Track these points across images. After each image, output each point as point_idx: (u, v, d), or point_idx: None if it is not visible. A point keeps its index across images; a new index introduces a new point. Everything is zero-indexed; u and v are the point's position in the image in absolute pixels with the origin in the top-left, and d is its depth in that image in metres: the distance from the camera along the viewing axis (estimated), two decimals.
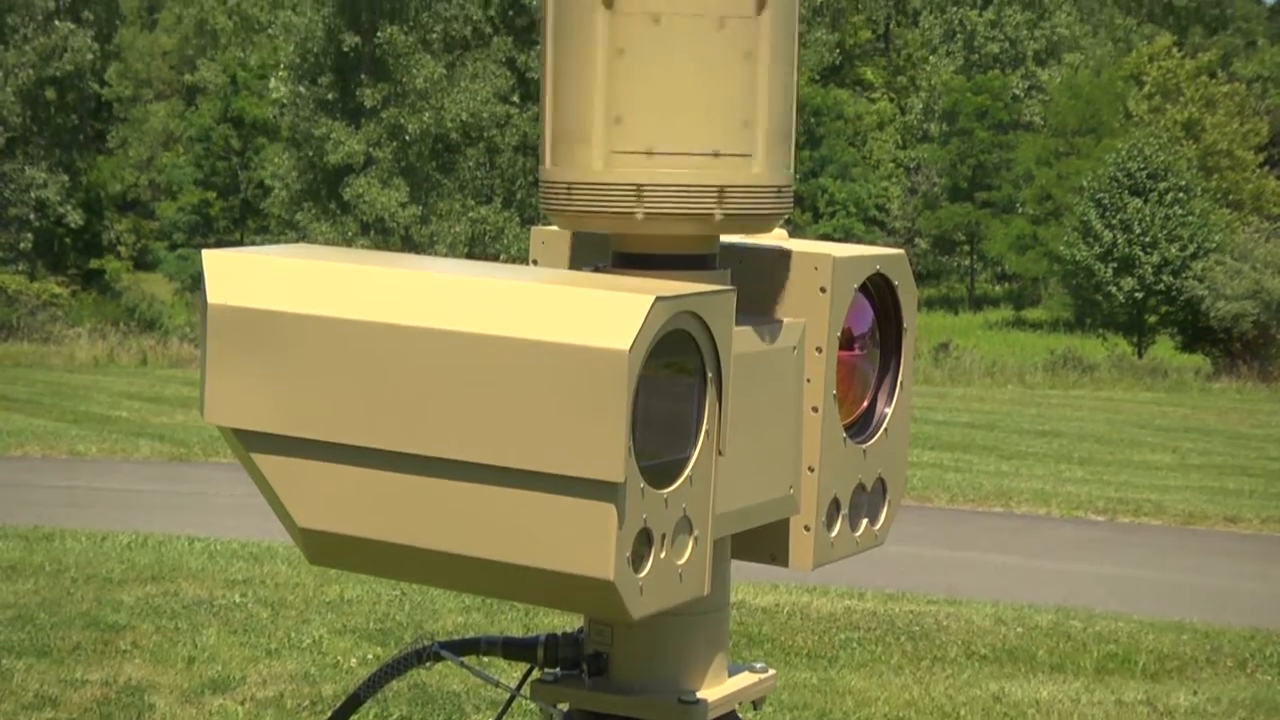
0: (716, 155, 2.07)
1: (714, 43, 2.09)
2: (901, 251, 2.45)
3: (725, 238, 2.26)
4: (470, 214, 42.97)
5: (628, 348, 1.78)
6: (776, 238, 2.38)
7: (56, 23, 45.44)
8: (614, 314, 1.82)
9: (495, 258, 41.80)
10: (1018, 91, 61.10)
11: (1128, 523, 15.40)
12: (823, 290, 2.25)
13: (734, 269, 2.24)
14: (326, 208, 42.76)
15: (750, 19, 2.10)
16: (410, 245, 41.38)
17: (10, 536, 11.89)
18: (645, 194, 2.07)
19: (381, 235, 41.68)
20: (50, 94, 47.45)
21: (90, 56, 47.03)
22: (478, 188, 44.80)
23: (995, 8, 64.25)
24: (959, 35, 64.93)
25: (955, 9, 65.05)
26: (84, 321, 36.94)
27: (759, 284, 2.27)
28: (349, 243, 40.39)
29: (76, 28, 46.03)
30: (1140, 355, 39.64)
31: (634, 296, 1.83)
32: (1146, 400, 30.35)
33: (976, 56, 63.85)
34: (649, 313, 1.80)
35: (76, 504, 14.40)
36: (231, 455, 2.19)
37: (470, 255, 41.74)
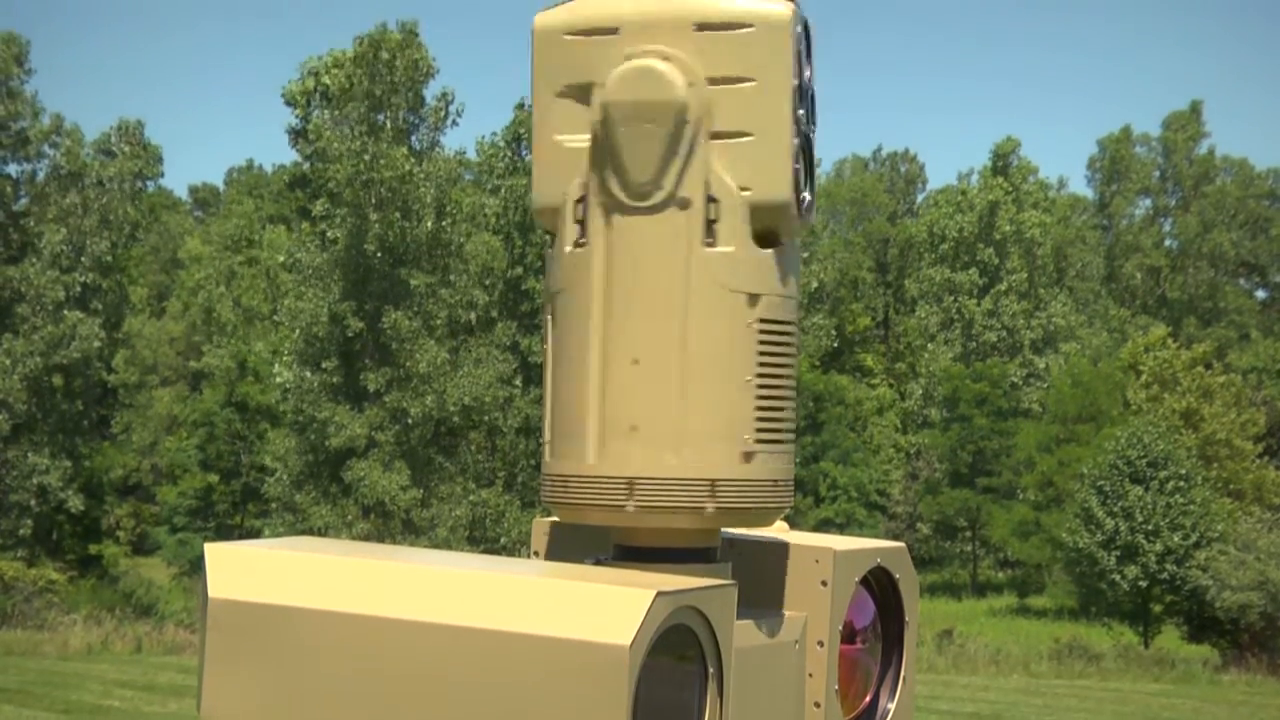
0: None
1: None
2: (902, 545, 2.45)
3: (726, 530, 2.26)
4: (471, 497, 42.99)
5: (628, 643, 1.77)
6: (778, 530, 2.39)
7: (65, 312, 46.05)
8: (615, 609, 1.81)
9: (496, 541, 41.67)
10: (1016, 379, 61.72)
11: None
12: (824, 584, 2.24)
13: (735, 562, 2.24)
14: (327, 490, 42.78)
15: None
16: (411, 529, 41.28)
17: None
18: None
19: (382, 519, 41.63)
20: (57, 381, 47.86)
21: (97, 344, 47.55)
22: (479, 471, 44.92)
23: (992, 297, 65.34)
24: (956, 324, 65.90)
25: (952, 298, 66.14)
26: (80, 608, 36.62)
27: (760, 577, 2.27)
28: (349, 526, 40.31)
29: (85, 317, 46.62)
30: (1146, 645, 39.18)
31: (634, 591, 1.83)
32: (1155, 692, 29.89)
33: (974, 344, 64.73)
34: (650, 608, 1.80)
35: None
36: None
37: (470, 539, 41.60)
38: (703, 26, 2.22)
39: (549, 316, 2.22)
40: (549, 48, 2.25)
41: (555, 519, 2.35)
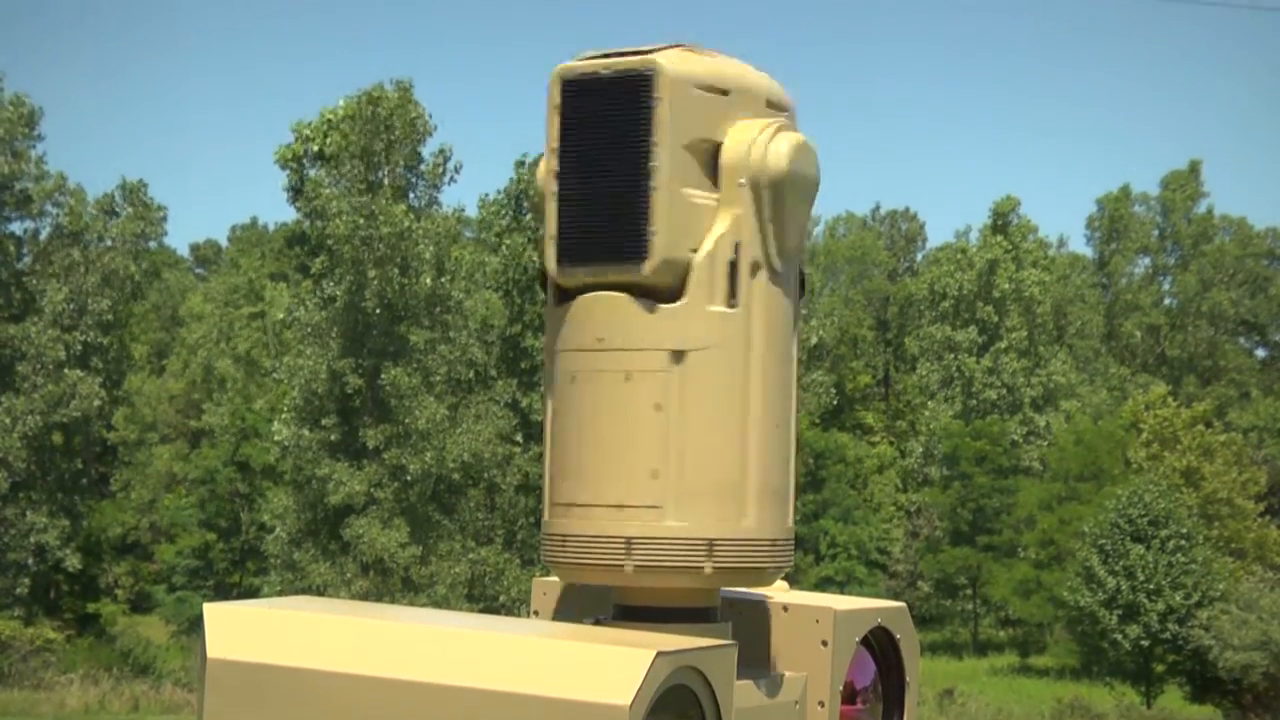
0: (621, 507, 2.12)
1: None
2: (903, 604, 2.44)
3: (726, 590, 2.26)
4: (470, 555, 42.86)
5: (628, 704, 1.76)
6: (779, 589, 2.38)
7: (66, 371, 46.04)
8: (615, 669, 1.80)
9: (495, 599, 41.51)
10: (1016, 437, 61.66)
11: None
12: (824, 644, 2.24)
13: (735, 622, 2.23)
14: (326, 548, 42.65)
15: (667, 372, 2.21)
16: (410, 586, 41.13)
17: None
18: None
19: (381, 576, 41.49)
20: (56, 439, 47.81)
21: (98, 403, 47.52)
22: (478, 528, 44.79)
23: (992, 355, 65.37)
24: (957, 381, 65.91)
25: (952, 356, 66.18)
26: (77, 667, 36.43)
27: (761, 637, 2.26)
28: (347, 584, 40.15)
29: (85, 375, 46.62)
30: (1149, 705, 38.97)
31: (635, 651, 1.82)
32: None
33: (975, 402, 64.69)
34: (650, 668, 1.79)
35: None
36: None
37: (470, 597, 41.44)
38: (770, 104, 2.37)
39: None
40: (680, 97, 2.26)
41: (554, 578, 2.35)
